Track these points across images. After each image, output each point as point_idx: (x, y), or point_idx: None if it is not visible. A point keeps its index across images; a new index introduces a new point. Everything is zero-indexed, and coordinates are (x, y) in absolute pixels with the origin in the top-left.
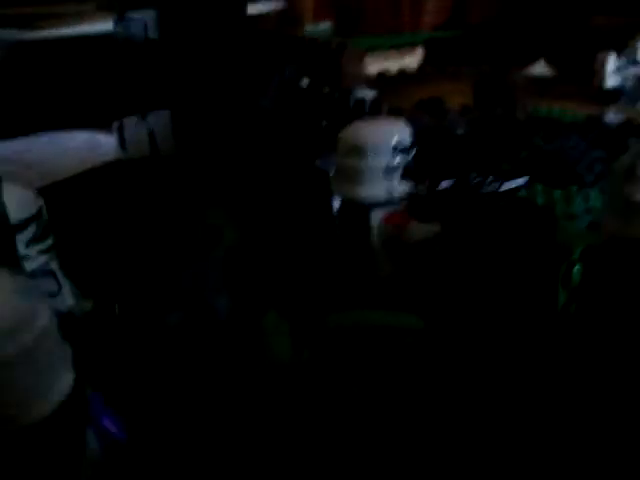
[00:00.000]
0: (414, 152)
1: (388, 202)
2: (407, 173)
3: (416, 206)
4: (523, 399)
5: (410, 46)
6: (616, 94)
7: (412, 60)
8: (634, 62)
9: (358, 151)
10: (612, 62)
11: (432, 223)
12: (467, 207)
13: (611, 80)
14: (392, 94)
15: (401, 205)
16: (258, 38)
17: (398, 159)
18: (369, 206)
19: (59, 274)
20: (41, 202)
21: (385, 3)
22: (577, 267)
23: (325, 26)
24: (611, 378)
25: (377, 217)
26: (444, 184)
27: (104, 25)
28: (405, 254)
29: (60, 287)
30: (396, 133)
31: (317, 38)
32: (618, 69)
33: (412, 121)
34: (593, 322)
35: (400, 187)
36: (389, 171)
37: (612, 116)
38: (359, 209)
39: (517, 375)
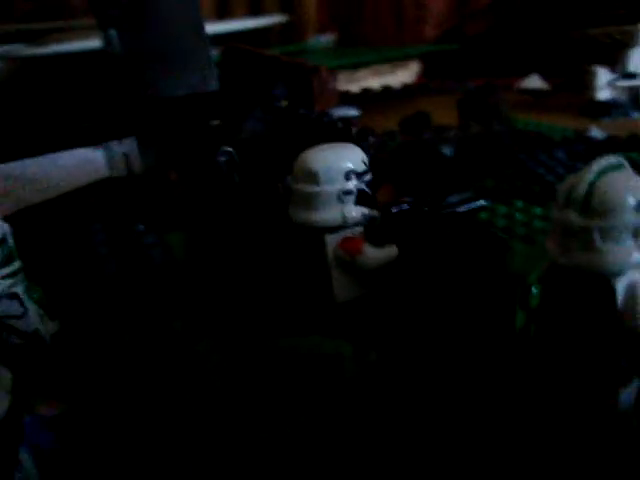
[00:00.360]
0: (369, 177)
1: (343, 226)
2: (363, 197)
3: (372, 230)
4: (484, 419)
5: (407, 59)
6: (608, 107)
7: (407, 74)
8: (625, 75)
9: (311, 176)
10: (603, 75)
11: (387, 247)
12: (422, 231)
13: (603, 93)
14: (379, 110)
15: (357, 229)
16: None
17: (352, 184)
18: (324, 230)
19: (24, 297)
20: (6, 228)
21: (387, 16)
22: (535, 290)
23: (328, 38)
24: (570, 397)
25: (332, 242)
26: (396, 208)
27: None
28: (361, 279)
29: (25, 310)
30: (349, 158)
31: (291, 59)
32: (610, 82)
33: (390, 139)
34: (550, 343)
35: (355, 211)
36: (343, 196)
37: (596, 131)
38: (314, 234)
39: (476, 396)
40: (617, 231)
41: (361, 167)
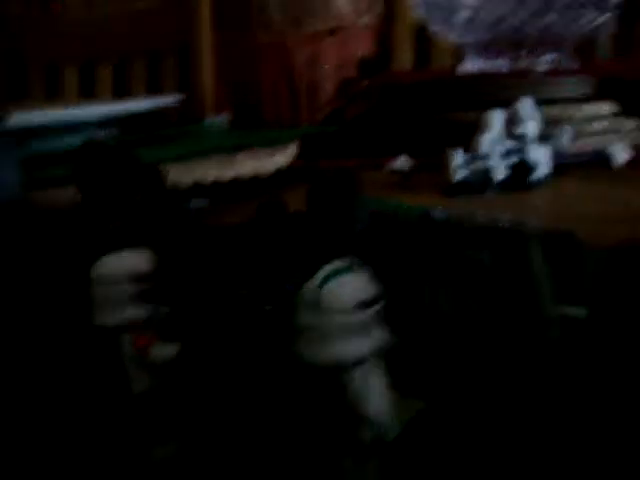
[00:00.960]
0: (157, 277)
1: (137, 325)
2: (152, 296)
3: (163, 326)
4: None
5: (287, 142)
6: (463, 187)
7: (286, 156)
8: (478, 156)
9: (100, 280)
10: (458, 157)
11: (175, 342)
12: (205, 323)
13: (459, 174)
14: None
15: (151, 327)
16: None
17: (137, 286)
18: (119, 330)
19: None
20: None
21: (283, 98)
22: None
23: (222, 119)
24: None
25: (127, 340)
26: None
27: None
28: (153, 373)
29: None
30: (129, 263)
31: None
32: (466, 163)
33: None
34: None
35: (146, 310)
36: (131, 297)
37: (439, 212)
38: (111, 334)
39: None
40: (342, 328)
41: (148, 268)
